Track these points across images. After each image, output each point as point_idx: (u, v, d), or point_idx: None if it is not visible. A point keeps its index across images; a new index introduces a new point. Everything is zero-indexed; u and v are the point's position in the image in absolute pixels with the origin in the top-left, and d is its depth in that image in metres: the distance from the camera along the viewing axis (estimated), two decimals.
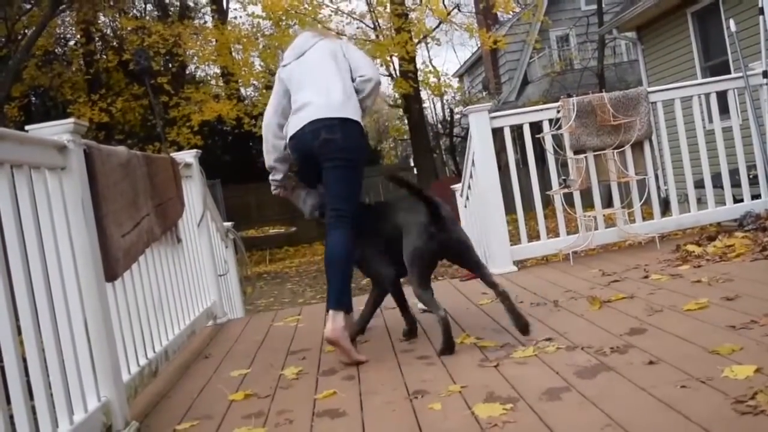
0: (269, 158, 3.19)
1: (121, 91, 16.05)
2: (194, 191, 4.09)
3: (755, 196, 4.74)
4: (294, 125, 3.02)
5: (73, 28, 17.07)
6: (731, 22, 5.68)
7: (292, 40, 3.37)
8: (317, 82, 3.05)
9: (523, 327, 2.77)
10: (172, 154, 3.86)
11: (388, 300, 3.14)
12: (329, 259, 2.90)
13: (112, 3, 16.31)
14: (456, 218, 2.94)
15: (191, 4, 18.81)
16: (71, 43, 17.59)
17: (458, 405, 2.10)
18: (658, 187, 5.35)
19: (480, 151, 4.54)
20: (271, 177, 3.23)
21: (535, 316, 3.10)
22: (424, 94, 20.57)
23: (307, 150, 2.98)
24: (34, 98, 17.41)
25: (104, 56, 16.41)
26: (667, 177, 4.94)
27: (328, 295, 2.86)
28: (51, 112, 16.27)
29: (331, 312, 2.78)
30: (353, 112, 2.99)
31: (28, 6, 14.88)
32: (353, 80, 3.10)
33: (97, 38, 16.87)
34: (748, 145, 4.77)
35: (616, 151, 4.53)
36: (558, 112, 4.57)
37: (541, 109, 4.76)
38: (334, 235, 2.92)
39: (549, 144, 4.60)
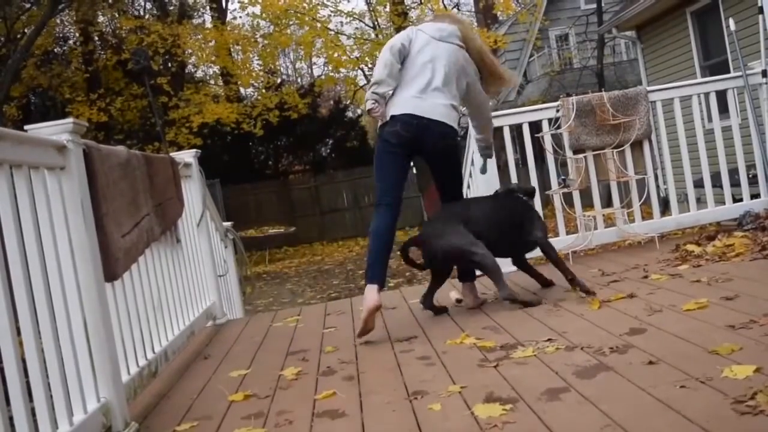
0: (383, 71, 3.31)
1: (121, 91, 16.05)
2: (194, 191, 4.09)
3: (754, 196, 4.74)
4: (412, 105, 3.31)
5: (72, 28, 17.08)
6: (731, 21, 5.68)
7: (427, 23, 3.61)
8: (446, 83, 3.37)
9: None
10: (171, 154, 3.86)
11: (389, 301, 3.16)
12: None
13: (111, 2, 16.31)
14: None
15: (190, 1, 18.78)
16: (70, 42, 17.59)
17: (458, 405, 2.10)
18: (658, 187, 5.35)
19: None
20: (373, 90, 3.33)
21: (535, 316, 3.11)
22: None
23: (422, 139, 3.32)
24: (33, 98, 17.40)
25: (103, 55, 16.41)
26: (666, 176, 4.94)
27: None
28: (50, 112, 16.26)
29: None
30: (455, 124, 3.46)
31: (28, 5, 14.87)
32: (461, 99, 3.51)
33: (96, 38, 16.86)
34: (748, 145, 4.77)
35: (615, 150, 4.53)
36: (557, 111, 4.57)
37: (541, 109, 4.76)
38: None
39: (548, 143, 4.60)
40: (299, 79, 27.12)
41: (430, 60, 3.37)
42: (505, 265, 4.42)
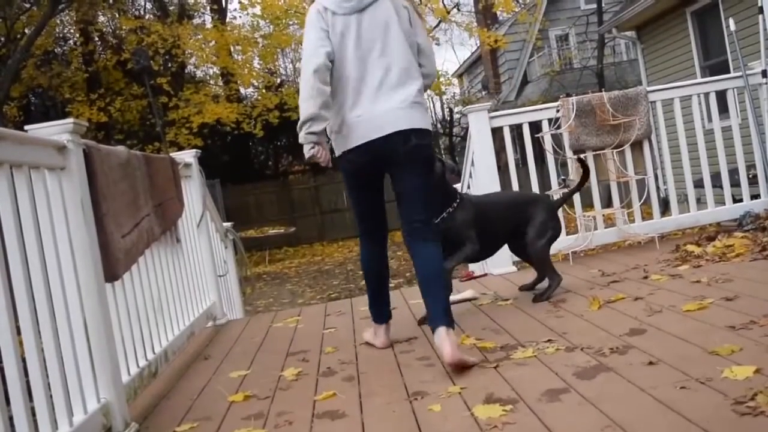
0: (313, 104, 2.58)
1: (121, 91, 16.05)
2: (194, 191, 4.09)
3: (755, 196, 4.74)
4: (358, 134, 2.63)
5: (72, 28, 17.08)
6: (730, 21, 5.68)
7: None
8: (389, 71, 2.65)
9: None
10: (171, 154, 3.86)
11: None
12: (434, 275, 2.65)
13: (111, 2, 16.30)
14: None
15: (191, 1, 18.78)
16: (70, 42, 17.59)
17: (458, 406, 2.10)
18: (658, 187, 5.35)
19: (479, 151, 4.54)
20: (307, 130, 2.62)
21: (535, 316, 3.11)
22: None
23: (383, 156, 2.66)
24: (33, 98, 17.41)
25: (103, 56, 16.41)
26: (666, 177, 4.94)
27: (432, 313, 2.59)
28: (50, 112, 16.26)
29: (443, 329, 2.50)
30: (427, 118, 2.76)
31: (28, 5, 14.87)
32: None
33: (96, 38, 16.86)
34: (748, 145, 4.77)
35: (615, 150, 4.53)
36: (557, 111, 4.57)
37: (541, 109, 4.76)
38: (429, 247, 2.68)
39: (548, 144, 4.60)
40: (299, 80, 27.09)
41: (356, 47, 2.65)
42: (506, 264, 4.43)
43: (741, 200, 4.71)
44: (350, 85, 2.65)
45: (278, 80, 18.50)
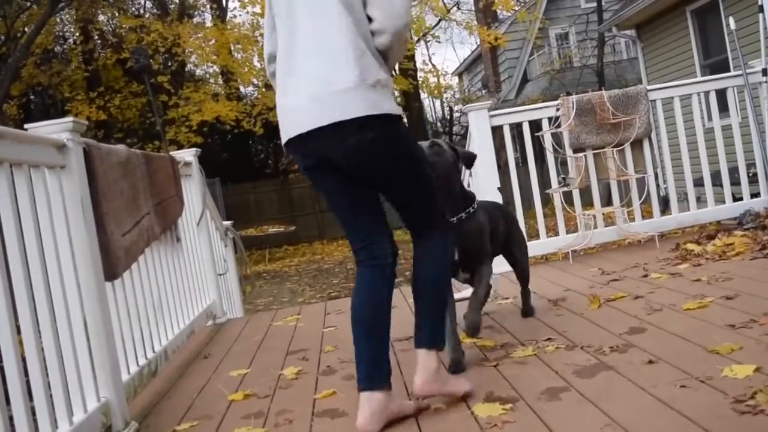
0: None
1: (120, 89, 16.05)
2: (194, 190, 4.09)
3: (755, 195, 4.74)
4: (286, 122, 2.03)
5: (72, 26, 17.08)
6: (731, 19, 5.68)
7: None
8: (320, 46, 1.98)
9: None
10: (171, 153, 3.86)
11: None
12: (428, 283, 2.15)
13: (111, 1, 16.31)
14: None
15: (191, 1, 18.77)
16: (70, 41, 17.59)
17: (458, 405, 2.10)
18: (658, 186, 5.35)
19: (479, 150, 4.52)
20: None
21: (535, 315, 3.11)
22: (423, 92, 20.59)
23: (321, 157, 2.03)
24: (33, 96, 17.41)
25: (103, 54, 16.41)
26: (666, 175, 4.95)
27: (422, 333, 2.12)
28: (50, 111, 16.27)
29: (422, 352, 2.08)
30: (379, 101, 1.95)
31: (28, 4, 14.87)
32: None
33: (96, 36, 16.86)
34: (748, 143, 4.77)
35: (615, 149, 4.53)
36: (557, 110, 4.57)
37: (541, 108, 4.76)
38: (429, 244, 2.15)
39: (548, 142, 4.60)
40: None
41: (286, 19, 2.04)
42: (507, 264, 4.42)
43: (741, 199, 4.71)
44: (281, 67, 2.06)
45: None
